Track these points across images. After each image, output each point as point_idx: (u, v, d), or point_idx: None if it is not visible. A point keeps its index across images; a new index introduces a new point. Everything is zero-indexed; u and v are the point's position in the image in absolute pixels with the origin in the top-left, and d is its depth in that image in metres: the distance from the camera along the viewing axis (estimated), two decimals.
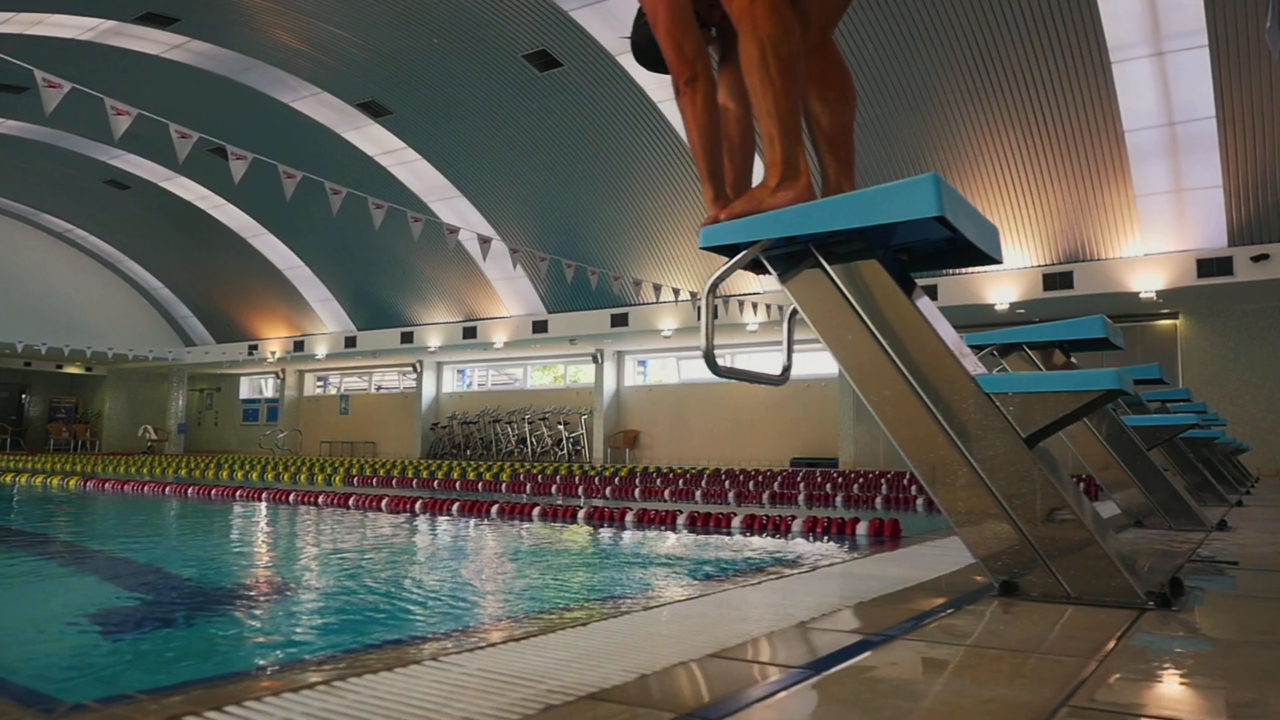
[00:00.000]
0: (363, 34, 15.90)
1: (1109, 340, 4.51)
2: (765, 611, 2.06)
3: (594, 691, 1.36)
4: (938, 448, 2.44)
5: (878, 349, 2.54)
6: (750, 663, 1.58)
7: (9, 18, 13.91)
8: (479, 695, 1.33)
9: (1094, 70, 12.94)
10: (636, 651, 1.62)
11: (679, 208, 17.73)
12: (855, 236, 2.60)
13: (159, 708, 1.26)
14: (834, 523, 4.11)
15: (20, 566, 3.29)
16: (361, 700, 1.31)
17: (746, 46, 2.67)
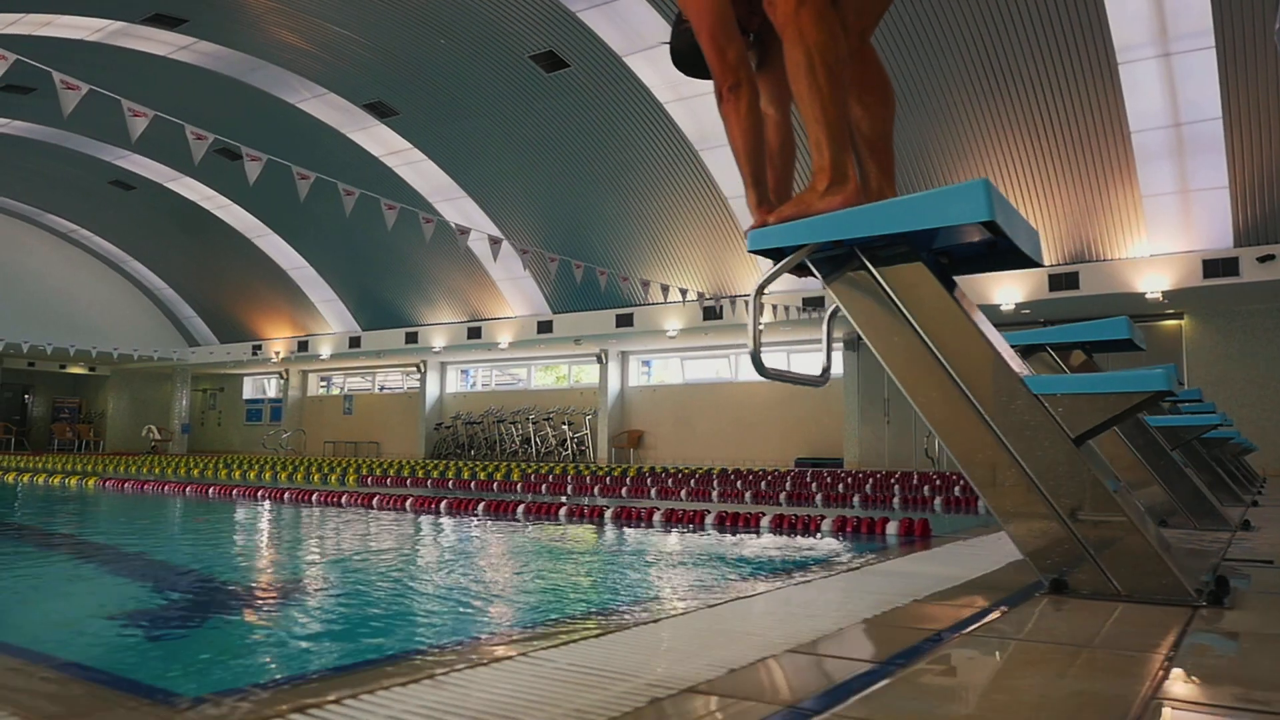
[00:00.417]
0: (370, 35, 15.94)
1: (1132, 342, 4.56)
2: (829, 608, 2.10)
3: (692, 685, 1.40)
4: (986, 448, 2.48)
5: (924, 350, 2.58)
6: (833, 658, 1.62)
7: (18, 18, 13.93)
8: (583, 689, 1.37)
9: (1101, 71, 12.99)
10: (716, 647, 1.66)
11: (684, 208, 17.78)
12: (900, 240, 2.64)
13: (276, 699, 1.30)
14: (863, 522, 4.16)
15: (87, 567, 3.33)
16: (470, 694, 1.34)
17: (792, 53, 2.71)
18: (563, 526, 4.55)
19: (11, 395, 29.79)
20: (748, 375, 21.36)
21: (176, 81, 17.10)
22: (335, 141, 18.92)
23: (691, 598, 2.51)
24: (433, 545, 4.05)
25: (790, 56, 2.70)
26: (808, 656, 1.61)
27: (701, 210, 17.67)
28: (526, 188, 19.03)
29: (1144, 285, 14.34)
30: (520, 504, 5.28)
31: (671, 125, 16.35)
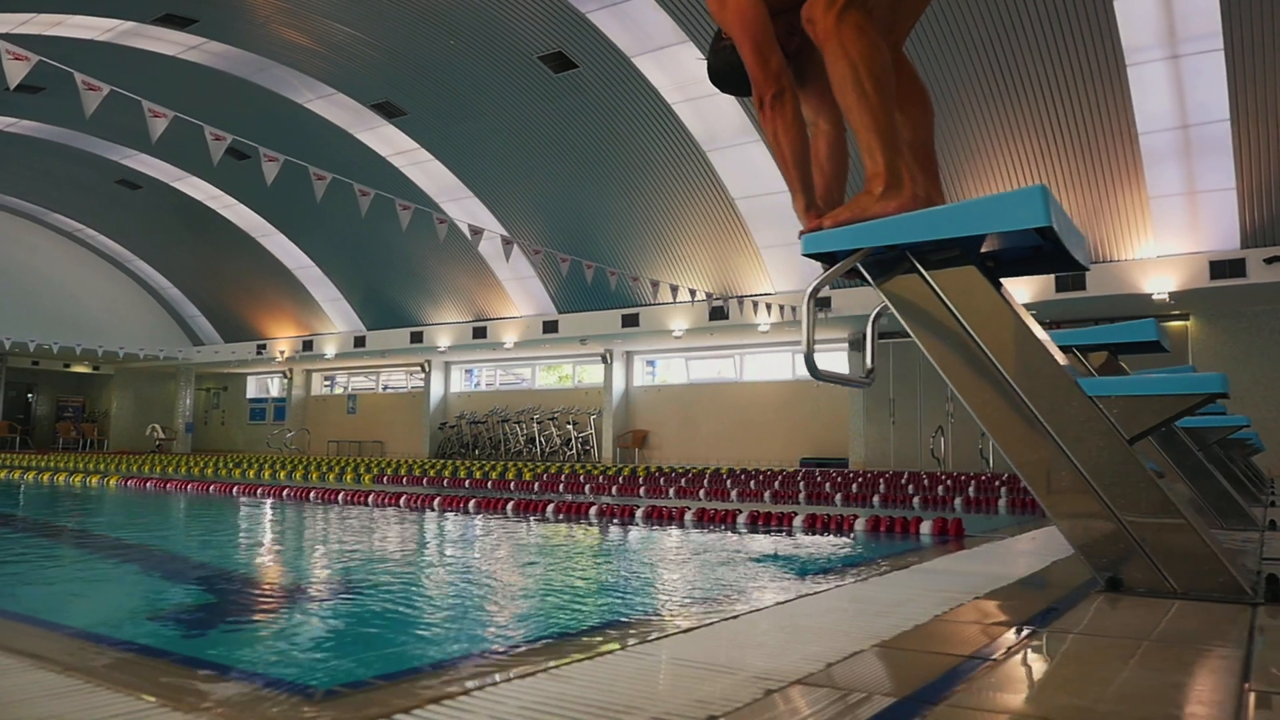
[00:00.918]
0: (378, 35, 15.98)
1: (1158, 344, 4.62)
2: (895, 605, 2.15)
3: (800, 677, 1.44)
4: (1040, 449, 2.53)
5: (978, 352, 2.63)
6: (920, 652, 1.66)
7: (29, 18, 13.96)
8: (696, 681, 1.42)
9: (1109, 73, 13.05)
10: (802, 642, 1.71)
11: (691, 209, 17.83)
12: (951, 244, 2.69)
13: (406, 691, 1.35)
14: (897, 521, 4.20)
15: (163, 567, 3.37)
16: (588, 686, 1.39)
17: (837, 66, 2.74)
18: (596, 525, 4.60)
19: (15, 394, 29.80)
20: (752, 375, 21.42)
21: (185, 81, 17.13)
22: (342, 141, 18.96)
23: (754, 595, 2.56)
24: (481, 543, 4.09)
25: (835, 70, 2.74)
26: (897, 651, 1.66)
27: (708, 211, 17.72)
28: (533, 188, 19.08)
29: (1151, 286, 14.41)
30: (549, 503, 5.33)
31: (679, 126, 16.40)
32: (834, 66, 2.74)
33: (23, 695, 1.27)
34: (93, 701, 1.24)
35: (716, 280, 18.70)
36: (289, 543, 4.31)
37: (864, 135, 2.75)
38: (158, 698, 1.26)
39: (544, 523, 4.72)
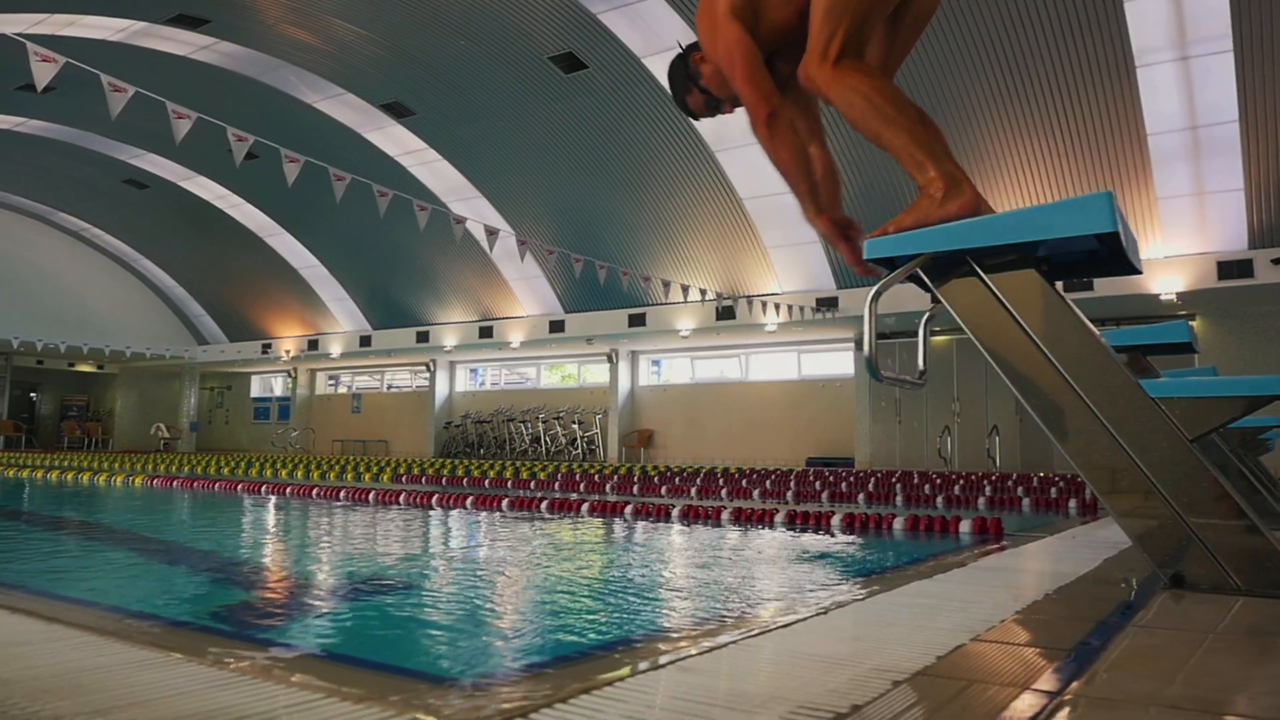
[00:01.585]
0: (388, 36, 16.02)
1: (1190, 345, 4.68)
2: (972, 601, 2.20)
3: (918, 670, 1.50)
4: (1103, 450, 2.58)
5: (1038, 354, 2.68)
6: (1018, 645, 1.72)
7: (43, 18, 13.99)
8: (822, 673, 1.47)
9: (1119, 74, 13.12)
10: (902, 636, 1.76)
11: (699, 209, 17.88)
12: (1009, 248, 2.75)
13: (551, 682, 1.40)
14: (936, 521, 4.26)
15: (266, 568, 3.41)
16: (717, 678, 1.44)
17: (851, 106, 2.76)
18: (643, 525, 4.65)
19: (20, 393, 29.82)
20: (758, 375, 21.49)
21: (196, 81, 17.16)
22: (350, 141, 18.99)
23: (827, 591, 2.61)
24: (563, 543, 4.13)
25: (851, 111, 2.77)
26: (996, 645, 1.71)
27: (716, 211, 17.78)
28: (541, 187, 19.12)
29: (1158, 287, 14.48)
30: (584, 503, 5.37)
31: (688, 126, 16.44)
32: (848, 108, 2.77)
33: (188, 687, 1.33)
34: (261, 692, 1.30)
35: (724, 280, 18.76)
36: (368, 542, 4.33)
37: (905, 153, 2.79)
38: (325, 692, 1.32)
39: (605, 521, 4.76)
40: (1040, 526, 4.67)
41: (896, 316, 17.02)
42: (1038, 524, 5.02)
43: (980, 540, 3.95)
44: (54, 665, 1.43)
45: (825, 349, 20.35)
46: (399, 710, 1.22)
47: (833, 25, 2.65)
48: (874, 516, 4.39)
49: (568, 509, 5.37)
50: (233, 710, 1.21)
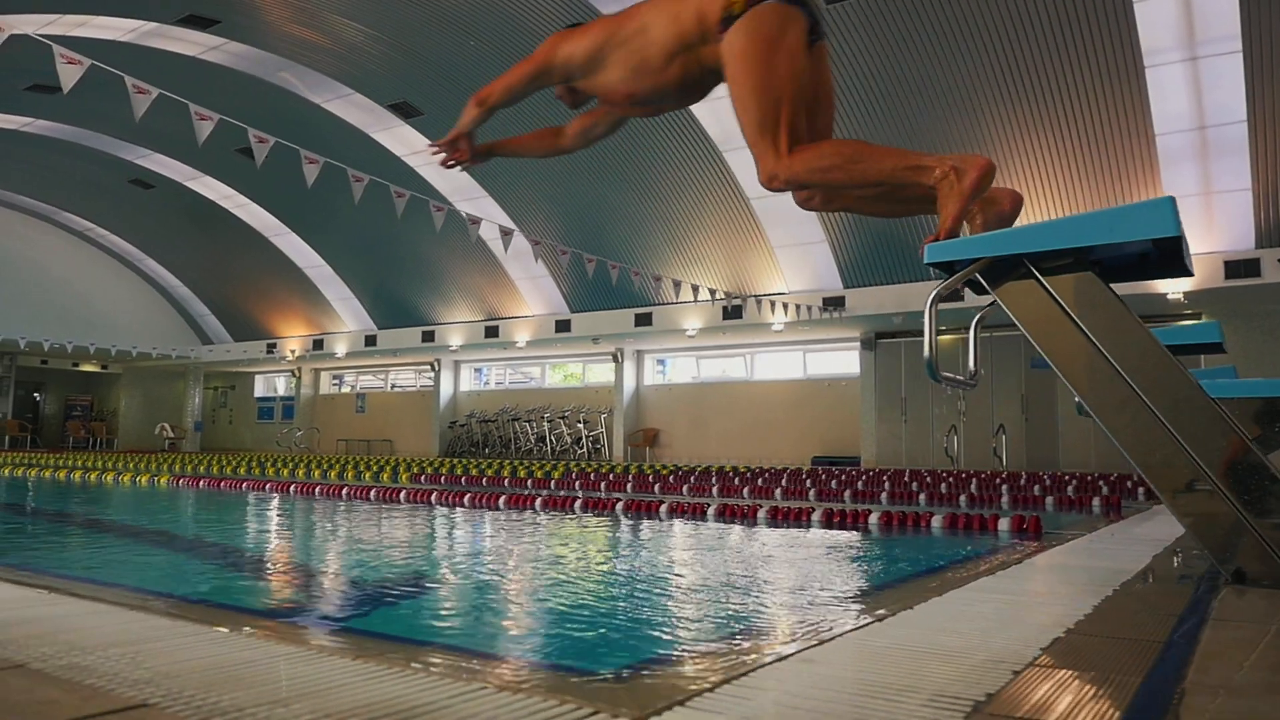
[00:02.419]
0: (397, 35, 16.06)
1: (1221, 345, 4.74)
2: (1049, 597, 2.27)
3: (1030, 661, 1.55)
4: (1164, 449, 2.64)
5: (1097, 355, 2.74)
6: (1114, 638, 1.78)
7: (54, 19, 14.03)
8: (940, 664, 1.53)
9: (1127, 74, 13.19)
10: (1000, 629, 1.82)
11: (706, 209, 17.94)
12: (1067, 252, 2.81)
13: (684, 675, 1.45)
14: (974, 519, 4.32)
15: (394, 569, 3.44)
16: (835, 669, 1.50)
17: (828, 170, 2.72)
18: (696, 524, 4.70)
19: (24, 393, 29.82)
20: (763, 374, 21.55)
21: (204, 81, 17.19)
22: (358, 141, 19.02)
23: (900, 587, 2.67)
24: (650, 544, 4.17)
25: (831, 175, 2.76)
26: (1090, 638, 1.77)
27: (723, 210, 17.84)
28: (547, 187, 19.16)
29: (1165, 286, 14.55)
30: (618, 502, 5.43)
31: (695, 126, 16.49)
32: (828, 175, 2.74)
33: (343, 679, 1.38)
34: (417, 683, 1.35)
35: (730, 279, 18.82)
36: (447, 540, 4.36)
37: (901, 169, 2.76)
38: (480, 682, 1.37)
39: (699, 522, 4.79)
40: (1070, 525, 4.72)
41: (904, 316, 17.11)
42: (1066, 522, 5.08)
43: (1019, 538, 4.00)
44: (204, 659, 1.48)
45: (831, 348, 20.42)
46: (560, 700, 1.27)
47: (772, 130, 2.65)
48: (911, 515, 4.45)
49: (642, 510, 5.39)
50: (402, 701, 1.27)
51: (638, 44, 2.87)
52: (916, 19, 13.33)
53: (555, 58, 3.05)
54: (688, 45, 2.77)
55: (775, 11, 2.57)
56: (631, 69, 2.91)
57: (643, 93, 3.00)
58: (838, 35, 13.97)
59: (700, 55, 2.87)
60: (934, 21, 13.28)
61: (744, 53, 2.66)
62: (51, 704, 1.23)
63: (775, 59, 2.63)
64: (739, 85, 2.72)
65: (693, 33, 2.74)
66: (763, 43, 2.62)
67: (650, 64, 2.89)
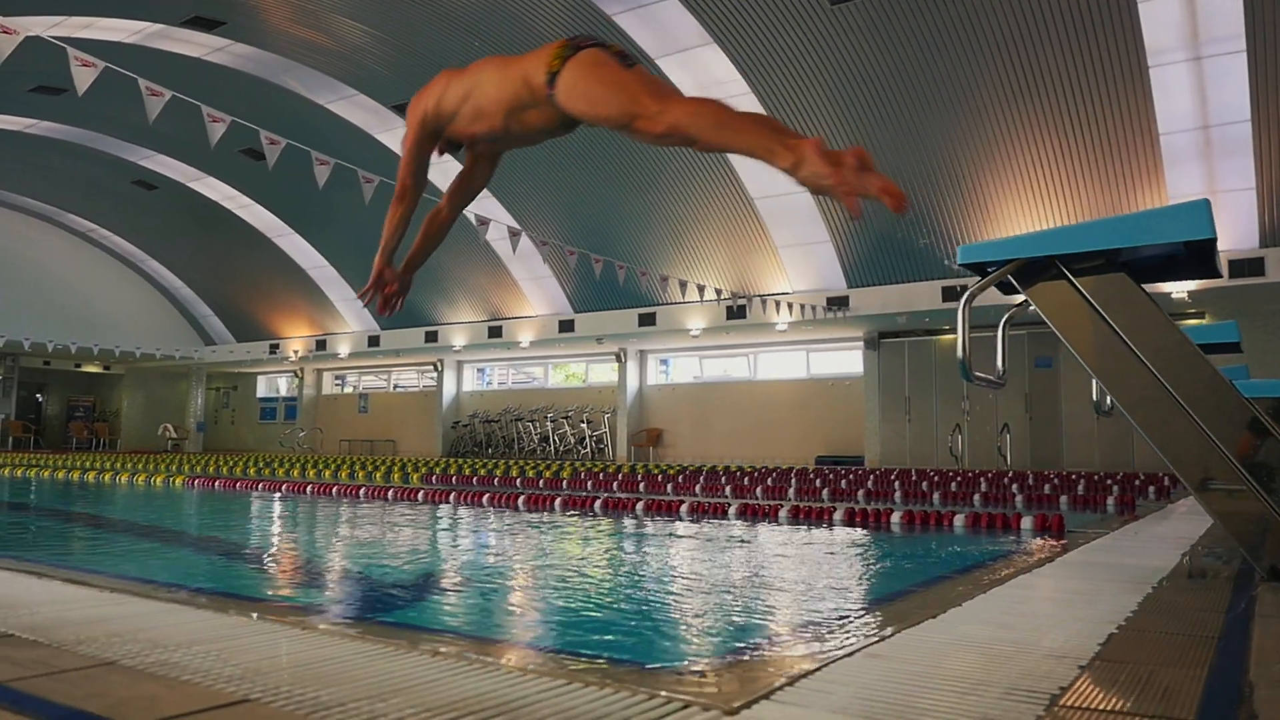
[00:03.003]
0: (401, 36, 16.08)
1: (1239, 345, 4.78)
2: (1093, 594, 2.30)
3: (1093, 655, 1.59)
4: (1197, 447, 2.67)
5: (1129, 353, 2.78)
6: (1168, 634, 1.81)
7: (60, 20, 14.04)
8: (1005, 660, 1.56)
9: (1131, 74, 13.23)
10: (1056, 625, 1.85)
11: (710, 209, 17.96)
12: (1098, 254, 2.85)
13: (766, 666, 1.49)
14: (998, 518, 4.35)
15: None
16: (912, 660, 1.53)
17: (690, 132, 2.71)
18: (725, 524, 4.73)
19: (26, 394, 29.83)
20: (766, 374, 21.58)
21: (207, 82, 17.21)
22: (360, 141, 19.04)
23: (941, 585, 2.70)
24: (684, 543, 4.19)
25: (690, 135, 2.75)
26: (1145, 633, 1.81)
27: (727, 211, 17.87)
28: (551, 188, 19.18)
29: (1169, 286, 14.59)
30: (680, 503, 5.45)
31: None
32: (689, 133, 2.71)
33: (429, 675, 1.41)
34: (503, 679, 1.38)
35: (734, 279, 18.85)
36: (482, 541, 4.37)
37: (755, 151, 2.70)
38: (565, 678, 1.40)
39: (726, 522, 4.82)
40: (1088, 524, 4.76)
41: (909, 315, 17.15)
42: (1083, 521, 5.11)
43: (1042, 536, 4.03)
44: (286, 657, 1.51)
45: (834, 348, 20.44)
46: (650, 694, 1.30)
47: (635, 100, 2.66)
48: (934, 514, 4.49)
49: (662, 509, 5.42)
50: (493, 696, 1.30)
51: (476, 98, 3.00)
52: (920, 19, 13.37)
53: (425, 115, 3.17)
54: (522, 106, 2.85)
55: (590, 53, 2.63)
56: (477, 118, 3.04)
57: (501, 135, 3.13)
58: (841, 36, 14.02)
59: (541, 112, 3.05)
60: (937, 22, 13.32)
61: (579, 77, 2.70)
62: (154, 700, 1.27)
63: (608, 68, 2.73)
64: (589, 96, 2.77)
65: (524, 96, 2.84)
66: (591, 64, 2.71)
67: (493, 117, 3.03)
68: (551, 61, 2.78)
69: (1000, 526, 4.28)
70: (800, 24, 13.88)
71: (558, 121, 3.19)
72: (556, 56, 2.77)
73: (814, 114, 15.46)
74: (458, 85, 2.99)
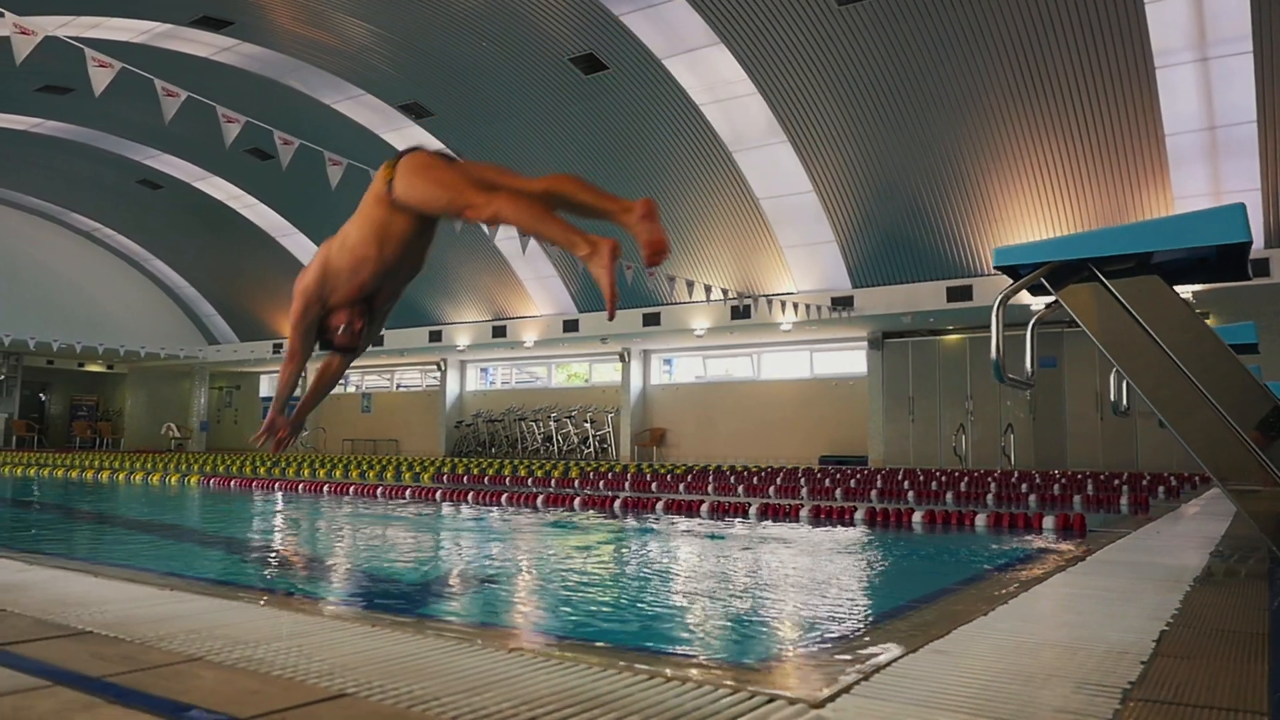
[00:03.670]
0: (409, 37, 16.11)
1: (1255, 346, 4.82)
2: (1132, 592, 2.33)
3: (1154, 650, 1.62)
4: (1228, 446, 2.71)
5: (1161, 354, 2.81)
6: (1222, 630, 1.85)
7: (69, 20, 14.07)
8: (1067, 654, 1.60)
9: (1138, 75, 13.27)
10: (1108, 622, 1.89)
11: (716, 209, 18.00)
12: (1130, 256, 2.88)
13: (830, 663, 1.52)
14: (1019, 517, 4.39)
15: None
16: (976, 657, 1.56)
17: (513, 222, 3.01)
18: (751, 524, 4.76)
19: (29, 393, 29.84)
20: (770, 374, 21.61)
21: (213, 82, 17.23)
22: (366, 141, 19.06)
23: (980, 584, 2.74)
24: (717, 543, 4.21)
25: (513, 223, 3.08)
26: (1199, 630, 1.84)
27: (733, 211, 17.91)
28: None
29: (1175, 287, 14.62)
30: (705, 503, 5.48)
31: (706, 127, 16.57)
32: (511, 222, 3.03)
33: (513, 671, 1.44)
34: (590, 674, 1.42)
35: (739, 279, 18.89)
36: (517, 541, 4.38)
37: (562, 241, 2.99)
38: (645, 674, 1.43)
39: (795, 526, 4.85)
40: (1106, 524, 4.79)
41: (913, 316, 17.18)
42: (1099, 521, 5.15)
43: (1064, 536, 4.07)
44: (367, 653, 1.54)
45: (838, 348, 20.48)
46: (734, 688, 1.33)
47: (466, 190, 3.01)
48: (955, 513, 4.52)
49: (682, 509, 5.44)
50: (582, 690, 1.33)
51: (351, 245, 3.34)
52: (927, 20, 13.41)
53: (308, 288, 3.42)
54: (385, 225, 3.25)
55: (415, 156, 3.07)
56: (357, 267, 3.38)
57: (382, 268, 3.47)
58: (848, 37, 14.06)
59: (399, 220, 3.37)
60: (944, 22, 13.36)
61: (411, 177, 3.13)
62: (256, 694, 1.30)
63: (435, 169, 3.13)
64: (422, 192, 3.23)
65: (381, 215, 3.24)
66: (419, 166, 3.09)
67: (368, 251, 3.39)
68: (387, 172, 3.34)
69: (1022, 526, 4.31)
70: (807, 24, 13.92)
71: (416, 224, 3.80)
72: (389, 166, 3.35)
73: (820, 114, 15.49)
74: (334, 246, 3.49)
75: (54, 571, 2.37)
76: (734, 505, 5.13)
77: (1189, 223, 2.71)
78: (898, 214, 16.30)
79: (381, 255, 3.54)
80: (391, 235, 3.44)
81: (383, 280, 3.69)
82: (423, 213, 3.48)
